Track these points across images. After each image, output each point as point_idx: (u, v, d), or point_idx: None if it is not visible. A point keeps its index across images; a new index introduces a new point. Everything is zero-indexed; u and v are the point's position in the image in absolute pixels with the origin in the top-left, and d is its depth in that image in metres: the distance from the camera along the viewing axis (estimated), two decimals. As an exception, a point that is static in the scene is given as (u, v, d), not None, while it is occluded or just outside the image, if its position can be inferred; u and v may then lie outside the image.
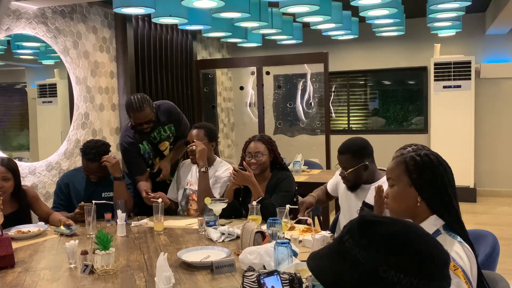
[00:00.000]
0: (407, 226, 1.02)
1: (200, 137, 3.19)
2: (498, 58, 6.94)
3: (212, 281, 1.95)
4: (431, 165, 1.59)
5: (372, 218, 1.03)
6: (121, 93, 5.39)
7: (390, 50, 7.36)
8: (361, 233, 1.00)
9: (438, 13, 4.37)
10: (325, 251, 1.06)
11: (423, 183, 1.58)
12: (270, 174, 3.11)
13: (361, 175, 2.71)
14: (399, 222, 1.03)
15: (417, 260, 0.96)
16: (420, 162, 1.60)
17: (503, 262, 1.92)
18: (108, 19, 5.23)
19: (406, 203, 1.62)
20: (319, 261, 1.05)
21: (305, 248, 2.36)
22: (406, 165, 1.62)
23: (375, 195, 2.49)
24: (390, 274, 0.94)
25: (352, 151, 2.69)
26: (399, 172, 1.63)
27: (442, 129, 6.86)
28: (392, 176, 1.66)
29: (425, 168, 1.59)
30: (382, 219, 1.03)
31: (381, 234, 0.99)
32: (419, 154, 1.62)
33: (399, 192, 1.63)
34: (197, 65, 6.63)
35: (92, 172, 3.13)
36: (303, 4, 3.57)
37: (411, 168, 1.60)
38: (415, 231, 1.01)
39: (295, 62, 6.35)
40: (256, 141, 3.09)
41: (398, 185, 1.64)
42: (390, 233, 0.99)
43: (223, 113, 7.92)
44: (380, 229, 1.00)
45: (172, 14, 3.46)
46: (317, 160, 5.69)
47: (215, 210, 2.73)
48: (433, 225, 1.56)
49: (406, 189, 1.61)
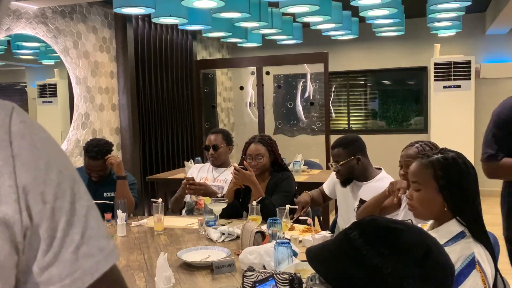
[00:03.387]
0: (426, 235, 0.99)
1: (219, 141, 3.36)
2: (498, 58, 6.94)
3: (212, 281, 1.95)
4: (460, 171, 1.56)
5: (390, 225, 0.98)
6: (121, 93, 5.39)
7: (390, 50, 7.36)
8: (380, 240, 0.94)
9: (438, 13, 4.37)
10: (333, 254, 0.99)
11: (451, 191, 1.55)
12: (270, 174, 3.11)
13: (354, 168, 2.75)
14: (416, 229, 0.99)
15: (437, 270, 0.94)
16: (449, 167, 1.56)
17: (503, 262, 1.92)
18: (108, 19, 5.23)
19: (433, 207, 1.59)
20: (327, 265, 0.99)
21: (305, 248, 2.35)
22: (434, 170, 1.57)
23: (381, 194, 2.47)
24: (415, 285, 0.91)
25: (343, 144, 2.77)
26: (426, 177, 1.59)
27: (442, 129, 6.85)
28: (418, 180, 1.62)
29: (454, 175, 1.55)
30: (399, 225, 0.98)
31: (404, 243, 0.94)
32: (446, 158, 1.57)
33: (426, 197, 1.60)
34: (197, 65, 6.63)
35: (94, 171, 3.14)
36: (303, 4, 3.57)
37: (439, 173, 1.56)
38: (434, 240, 0.99)
39: (295, 62, 6.35)
40: (256, 143, 3.09)
41: (425, 190, 1.60)
42: (412, 242, 0.94)
43: (223, 113, 7.92)
44: (402, 238, 0.95)
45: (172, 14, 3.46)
46: (317, 160, 5.69)
47: (215, 210, 2.73)
48: (458, 227, 1.55)
49: (434, 195, 1.57)
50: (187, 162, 4.66)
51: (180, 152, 6.29)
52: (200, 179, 3.36)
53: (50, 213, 0.48)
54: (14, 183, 0.45)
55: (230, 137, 3.48)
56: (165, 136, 5.99)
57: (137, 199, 3.27)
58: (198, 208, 3.32)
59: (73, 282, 0.49)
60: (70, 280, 0.49)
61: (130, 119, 5.38)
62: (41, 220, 0.47)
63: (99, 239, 0.52)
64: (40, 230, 0.47)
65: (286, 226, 2.59)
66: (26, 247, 0.48)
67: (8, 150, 0.45)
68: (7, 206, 0.44)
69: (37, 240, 0.48)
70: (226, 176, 3.33)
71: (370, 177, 2.79)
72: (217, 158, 3.40)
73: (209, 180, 3.39)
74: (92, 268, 0.51)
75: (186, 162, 4.70)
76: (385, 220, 1.01)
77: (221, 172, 3.43)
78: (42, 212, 0.47)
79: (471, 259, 1.45)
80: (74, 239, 0.49)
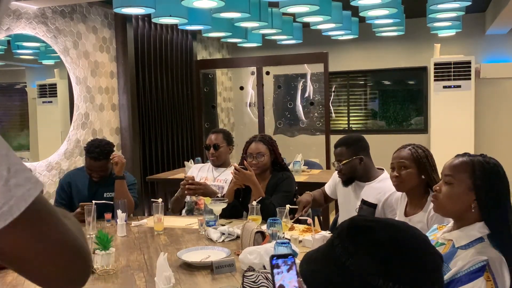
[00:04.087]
0: (400, 231, 0.99)
1: (219, 140, 3.37)
2: (498, 58, 6.94)
3: (212, 281, 1.95)
4: (498, 176, 1.58)
5: (362, 223, 1.01)
6: (121, 93, 5.39)
7: (390, 50, 7.36)
8: (350, 239, 0.98)
9: (438, 13, 4.37)
10: (318, 255, 1.04)
11: (485, 192, 1.56)
12: (271, 174, 3.11)
13: (356, 168, 2.74)
14: (391, 228, 1.00)
15: (407, 269, 0.94)
16: (489, 170, 1.58)
17: (503, 262, 1.91)
18: (108, 19, 5.23)
19: (460, 205, 1.60)
20: (312, 265, 1.03)
21: (305, 248, 2.36)
22: (474, 169, 1.59)
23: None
24: (379, 283, 0.92)
25: (347, 143, 2.76)
26: (463, 174, 1.60)
27: (442, 129, 6.85)
28: (453, 174, 1.63)
29: (492, 178, 1.58)
30: (374, 224, 1.00)
31: (370, 241, 0.97)
32: (488, 162, 1.60)
33: (456, 192, 1.61)
34: (197, 65, 6.63)
35: (95, 171, 3.14)
36: (303, 4, 3.57)
37: (478, 173, 1.58)
38: (407, 237, 0.99)
39: (295, 62, 6.35)
40: (257, 142, 3.09)
41: (458, 185, 1.61)
42: (380, 240, 0.96)
43: (223, 113, 7.92)
44: (370, 236, 0.97)
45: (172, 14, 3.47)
46: (317, 160, 5.69)
47: (215, 210, 2.73)
48: (478, 232, 1.55)
49: (465, 193, 1.59)
50: (187, 162, 4.67)
51: (180, 152, 6.29)
52: (200, 178, 3.36)
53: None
54: None
55: (230, 137, 3.50)
56: (165, 136, 5.99)
57: (137, 199, 3.27)
58: (198, 208, 3.32)
59: (10, 208, 0.58)
60: (7, 207, 0.58)
61: (130, 119, 5.38)
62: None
63: (24, 171, 0.61)
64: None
65: (286, 226, 2.59)
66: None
67: None
68: None
69: None
70: (226, 176, 3.33)
71: (373, 177, 2.78)
72: (217, 158, 3.41)
73: (209, 180, 3.39)
74: (24, 194, 0.60)
75: (186, 162, 4.70)
76: (362, 219, 1.04)
77: (221, 172, 3.43)
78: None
79: (481, 266, 1.43)
80: (2, 175, 0.59)
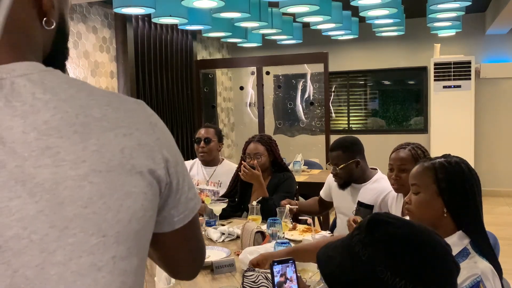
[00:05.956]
0: (418, 232, 1.00)
1: (211, 134, 3.32)
2: (498, 58, 6.94)
3: (212, 281, 1.95)
4: (463, 176, 1.52)
5: (383, 218, 1.03)
6: (121, 93, 5.38)
7: (390, 50, 7.36)
8: (367, 230, 1.01)
9: (438, 13, 4.37)
10: (338, 243, 1.07)
11: (452, 195, 1.51)
12: (271, 174, 3.11)
13: (353, 171, 2.73)
14: (410, 227, 1.00)
15: (416, 267, 0.95)
16: (451, 171, 1.53)
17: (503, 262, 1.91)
18: (108, 19, 5.23)
19: (432, 212, 1.54)
20: (330, 251, 1.06)
21: (305, 248, 2.35)
22: (436, 172, 1.54)
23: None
24: (387, 276, 0.94)
25: (343, 146, 2.73)
26: (427, 180, 1.55)
27: (442, 129, 6.85)
28: (418, 182, 1.58)
29: (456, 179, 1.52)
30: (394, 220, 1.01)
31: (386, 235, 0.98)
32: (449, 162, 1.55)
33: (425, 200, 1.56)
34: (197, 65, 6.63)
35: None
36: (303, 4, 3.57)
37: (440, 176, 1.53)
38: (424, 238, 0.99)
39: (295, 62, 6.34)
40: (256, 142, 3.08)
41: (424, 193, 1.56)
42: (396, 235, 0.98)
43: (223, 113, 7.92)
44: (386, 230, 0.99)
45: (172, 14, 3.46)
46: (317, 160, 5.70)
47: (215, 210, 2.73)
48: (460, 243, 1.49)
49: (433, 198, 1.54)
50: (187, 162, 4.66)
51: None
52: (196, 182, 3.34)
53: (176, 174, 0.75)
54: (162, 156, 0.72)
55: (221, 134, 3.46)
56: (165, 136, 5.99)
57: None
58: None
59: (185, 216, 0.78)
60: (183, 216, 0.78)
61: (130, 119, 5.37)
62: (173, 179, 0.74)
63: (193, 188, 0.80)
64: (173, 185, 0.75)
65: (286, 226, 2.59)
66: (162, 196, 0.74)
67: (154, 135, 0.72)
68: (160, 171, 0.71)
69: (170, 191, 0.75)
70: (220, 178, 3.29)
71: (368, 178, 2.77)
72: (207, 153, 3.35)
73: (202, 183, 3.34)
74: (193, 207, 0.80)
75: (185, 162, 4.70)
76: (385, 214, 1.06)
77: (212, 172, 3.39)
78: (173, 174, 0.74)
79: (475, 283, 1.39)
80: (185, 190, 0.77)
